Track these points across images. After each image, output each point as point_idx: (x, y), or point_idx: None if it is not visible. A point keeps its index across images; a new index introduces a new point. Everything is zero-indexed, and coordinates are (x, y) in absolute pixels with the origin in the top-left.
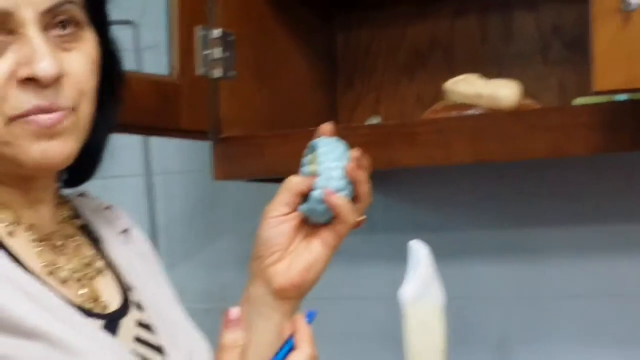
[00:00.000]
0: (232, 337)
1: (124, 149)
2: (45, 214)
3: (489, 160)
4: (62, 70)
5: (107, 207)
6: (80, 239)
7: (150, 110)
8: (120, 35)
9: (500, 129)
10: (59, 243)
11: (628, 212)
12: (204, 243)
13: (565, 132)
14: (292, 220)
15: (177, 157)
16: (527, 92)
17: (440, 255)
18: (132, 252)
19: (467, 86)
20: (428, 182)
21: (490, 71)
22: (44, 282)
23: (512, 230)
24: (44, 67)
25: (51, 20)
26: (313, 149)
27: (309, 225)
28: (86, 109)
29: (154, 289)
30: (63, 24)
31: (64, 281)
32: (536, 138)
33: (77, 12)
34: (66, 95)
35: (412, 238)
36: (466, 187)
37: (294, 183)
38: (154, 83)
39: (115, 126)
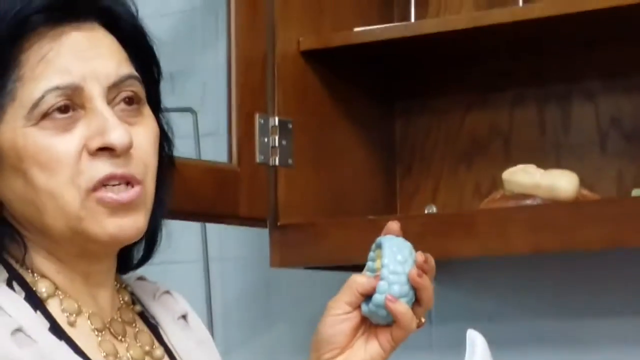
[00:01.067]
0: None
1: (182, 234)
2: (105, 300)
3: (547, 251)
4: (133, 140)
5: (166, 292)
6: (140, 326)
7: (209, 197)
8: (181, 122)
9: (558, 220)
10: (119, 331)
11: None
12: (260, 330)
13: (623, 223)
14: (354, 319)
15: (234, 244)
16: (585, 183)
17: (497, 344)
18: (191, 340)
19: (525, 176)
20: (485, 270)
21: (548, 161)
22: None
23: (569, 321)
24: (119, 135)
25: (116, 95)
26: (378, 247)
27: (369, 323)
28: (151, 185)
29: None
30: (126, 101)
31: None
32: (594, 229)
33: (139, 88)
34: (135, 167)
35: (468, 327)
36: (523, 276)
37: (359, 284)
38: (213, 170)
39: (175, 213)
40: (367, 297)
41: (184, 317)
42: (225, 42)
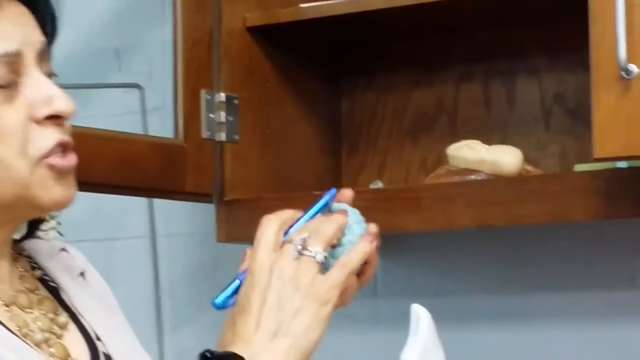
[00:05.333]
0: None
1: (129, 210)
2: (4, 272)
3: (490, 226)
4: None
5: (62, 249)
6: (42, 292)
7: (155, 173)
8: (127, 98)
9: (502, 195)
10: (25, 303)
11: (628, 278)
12: (207, 305)
13: (565, 198)
14: None
15: (181, 220)
16: (529, 159)
17: (442, 319)
18: (92, 296)
19: (469, 152)
20: (430, 246)
21: (493, 137)
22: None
23: (513, 296)
24: (65, 103)
25: (41, 62)
26: (333, 212)
27: None
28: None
29: (118, 334)
30: (48, 64)
31: (39, 344)
32: (537, 204)
33: (49, 56)
34: (70, 134)
35: (413, 302)
36: (468, 251)
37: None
38: (159, 146)
39: (122, 188)
40: None
41: (82, 274)
42: (172, 18)
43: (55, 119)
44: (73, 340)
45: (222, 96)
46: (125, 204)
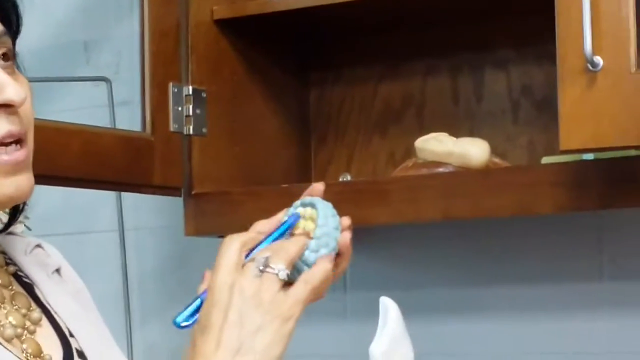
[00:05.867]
0: None
1: (97, 204)
2: None
3: (457, 218)
4: None
5: (37, 246)
6: (16, 288)
7: (123, 166)
8: (95, 91)
9: (469, 187)
10: None
11: (595, 270)
12: (176, 299)
13: (532, 190)
14: None
15: (149, 213)
16: (497, 151)
17: (410, 312)
18: (67, 293)
19: (437, 144)
20: (398, 239)
21: (461, 130)
22: None
23: (481, 288)
24: (15, 91)
25: None
26: (308, 206)
27: None
28: (32, 141)
29: (92, 331)
30: (2, 57)
31: (9, 339)
32: (504, 196)
33: (10, 44)
34: (23, 124)
35: (381, 295)
36: (436, 244)
37: (261, 224)
38: (127, 139)
39: (90, 182)
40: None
41: (58, 270)
42: (139, 10)
43: (5, 107)
44: (46, 337)
45: (189, 89)
46: (94, 197)
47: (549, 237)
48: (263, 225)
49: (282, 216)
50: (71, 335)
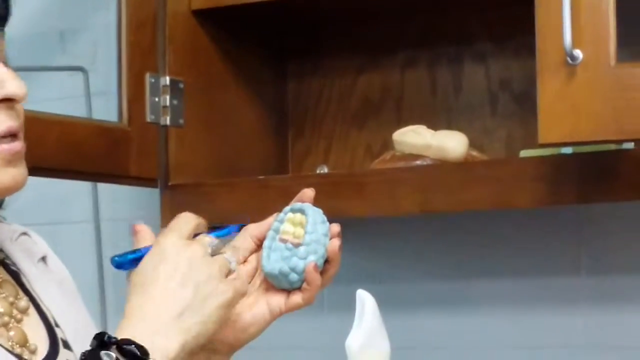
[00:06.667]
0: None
1: (73, 195)
2: None
3: (435, 211)
4: None
5: (23, 233)
6: (3, 275)
7: (99, 157)
8: (72, 81)
9: (447, 180)
10: None
11: (574, 264)
12: None
13: (510, 183)
14: (243, 273)
15: (125, 204)
16: (475, 144)
17: (387, 305)
18: (52, 282)
19: (415, 137)
20: (376, 232)
21: (439, 123)
22: None
23: (458, 282)
24: (17, 86)
25: None
26: (297, 211)
27: (260, 283)
28: (23, 137)
29: (77, 320)
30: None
31: None
32: (482, 190)
33: (2, 38)
34: (21, 119)
35: (358, 288)
36: (413, 237)
37: (252, 227)
38: (103, 129)
39: (66, 172)
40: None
41: (44, 258)
42: (116, 0)
43: (6, 102)
44: (33, 326)
45: (166, 80)
46: (69, 188)
47: (528, 231)
48: (253, 229)
49: (272, 220)
50: (57, 325)
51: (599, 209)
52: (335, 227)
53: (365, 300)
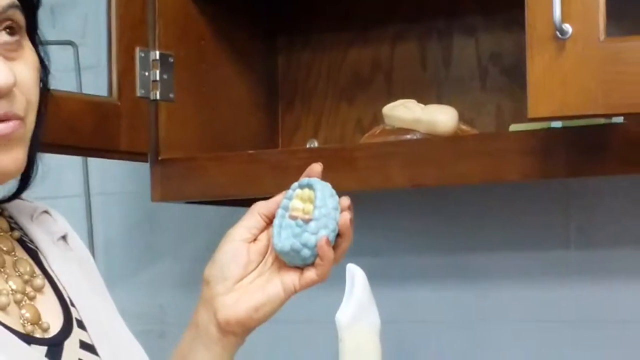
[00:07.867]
0: None
1: (64, 169)
2: None
3: (425, 185)
4: (16, 79)
5: (44, 212)
6: (19, 254)
7: (89, 131)
8: (61, 55)
9: (437, 154)
10: None
11: (563, 238)
12: (142, 264)
13: (500, 157)
14: (252, 251)
15: (116, 179)
16: (465, 118)
17: (377, 279)
18: (72, 261)
19: (405, 111)
20: (365, 206)
21: (429, 96)
22: None
23: (448, 255)
24: (2, 76)
25: None
26: (305, 187)
27: (273, 261)
28: (32, 120)
29: (95, 301)
30: (7, 31)
31: (3, 307)
32: (472, 163)
33: (20, 17)
34: (18, 104)
35: (348, 262)
36: (404, 211)
37: (261, 205)
38: (93, 104)
39: (56, 147)
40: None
41: (64, 237)
42: None
43: None
44: (47, 304)
45: (156, 54)
46: (60, 162)
47: (517, 205)
48: (262, 207)
49: (280, 198)
50: (72, 305)
51: (588, 182)
52: (345, 200)
53: (355, 274)
